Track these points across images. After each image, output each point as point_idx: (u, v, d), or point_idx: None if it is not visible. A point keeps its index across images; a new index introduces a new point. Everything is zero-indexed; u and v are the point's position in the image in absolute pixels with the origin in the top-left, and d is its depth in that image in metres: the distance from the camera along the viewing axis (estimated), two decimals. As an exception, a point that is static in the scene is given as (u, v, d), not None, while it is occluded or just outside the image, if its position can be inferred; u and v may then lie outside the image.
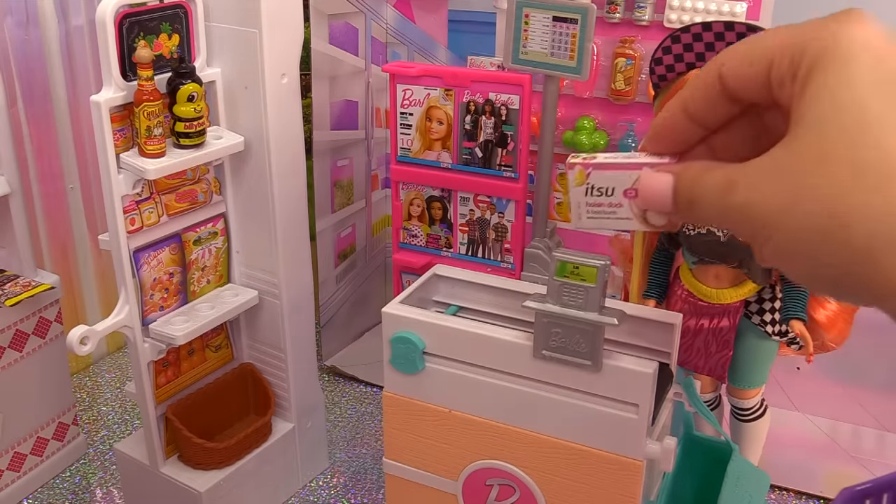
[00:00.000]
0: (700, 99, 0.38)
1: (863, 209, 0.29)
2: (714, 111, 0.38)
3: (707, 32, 0.64)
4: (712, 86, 0.37)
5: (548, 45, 0.73)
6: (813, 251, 0.31)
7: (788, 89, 0.33)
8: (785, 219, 0.31)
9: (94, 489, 0.91)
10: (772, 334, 0.76)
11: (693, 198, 0.37)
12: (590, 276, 0.46)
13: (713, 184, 0.35)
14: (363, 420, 1.02)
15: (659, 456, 0.51)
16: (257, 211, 0.79)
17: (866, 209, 0.29)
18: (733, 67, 0.36)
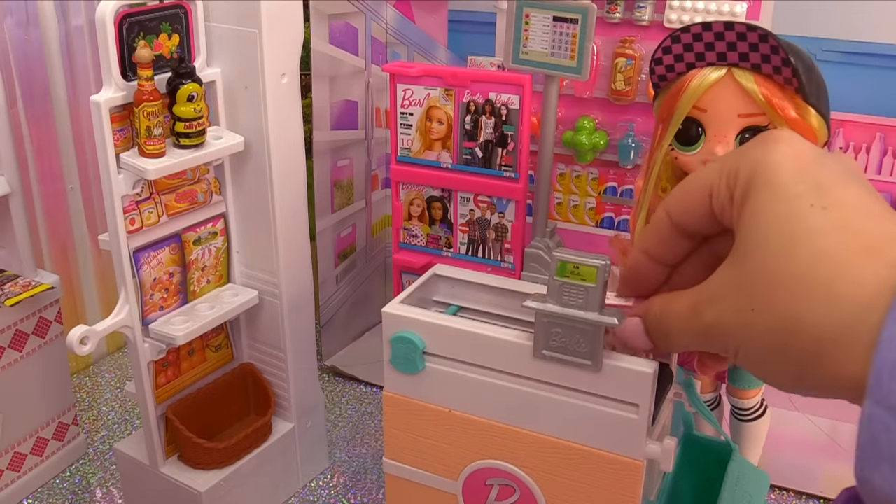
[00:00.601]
0: (657, 241, 0.42)
1: (807, 316, 0.32)
2: (672, 250, 0.42)
3: (707, 32, 0.64)
4: (665, 226, 0.41)
5: (548, 45, 0.73)
6: (775, 357, 0.33)
7: (729, 213, 0.37)
8: (746, 332, 0.34)
9: (94, 489, 0.91)
10: None
11: (664, 331, 0.41)
12: (590, 276, 0.46)
13: (679, 313, 0.39)
14: (363, 420, 1.02)
15: (659, 456, 0.51)
16: (257, 211, 0.79)
17: (810, 316, 0.31)
18: (679, 206, 0.40)
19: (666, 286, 0.43)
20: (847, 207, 0.33)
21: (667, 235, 0.41)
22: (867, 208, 0.33)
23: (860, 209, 0.33)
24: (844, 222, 0.32)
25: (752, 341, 0.34)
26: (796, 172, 0.34)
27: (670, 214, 0.40)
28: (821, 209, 0.33)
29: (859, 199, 0.33)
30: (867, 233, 0.32)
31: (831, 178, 0.34)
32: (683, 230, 0.40)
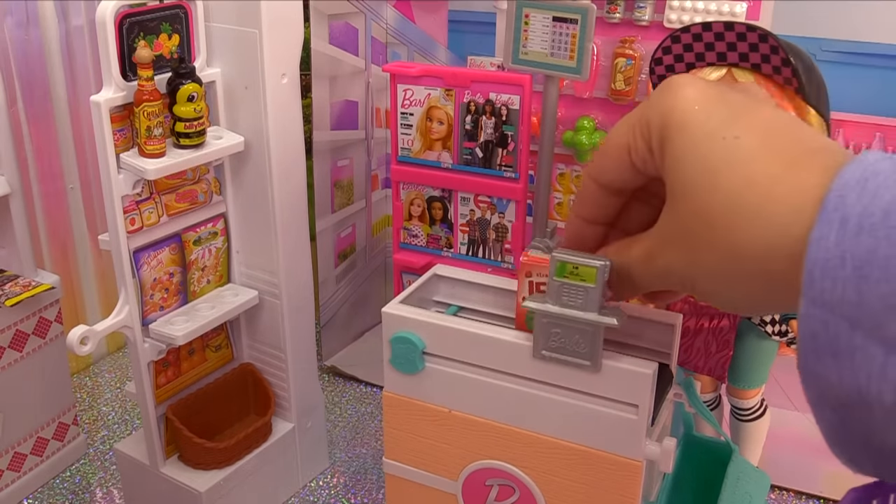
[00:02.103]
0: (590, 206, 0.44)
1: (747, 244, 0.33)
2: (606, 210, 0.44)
3: (707, 32, 0.64)
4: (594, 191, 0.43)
5: (548, 45, 0.73)
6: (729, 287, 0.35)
7: (651, 163, 0.38)
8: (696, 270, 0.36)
9: (94, 489, 0.91)
10: (772, 334, 0.76)
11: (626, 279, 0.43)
12: (589, 276, 0.46)
13: (634, 262, 0.41)
14: (363, 420, 1.02)
15: (658, 456, 0.51)
16: (257, 211, 0.79)
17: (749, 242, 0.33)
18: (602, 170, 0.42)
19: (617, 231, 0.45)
20: (759, 131, 0.34)
21: (598, 198, 0.43)
22: (779, 127, 0.35)
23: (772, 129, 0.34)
24: (759, 146, 0.34)
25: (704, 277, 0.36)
26: (703, 111, 0.36)
27: (595, 179, 0.42)
28: (734, 140, 0.34)
29: (769, 120, 0.35)
30: (784, 150, 0.33)
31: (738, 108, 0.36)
32: (611, 189, 0.42)
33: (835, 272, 0.29)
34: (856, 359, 0.29)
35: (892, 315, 0.28)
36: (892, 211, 0.28)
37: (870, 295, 0.28)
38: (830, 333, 0.29)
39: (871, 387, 0.28)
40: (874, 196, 0.29)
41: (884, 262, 0.28)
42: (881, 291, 0.28)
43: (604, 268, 0.46)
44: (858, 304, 0.28)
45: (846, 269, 0.28)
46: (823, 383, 0.30)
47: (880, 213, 0.28)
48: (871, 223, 0.28)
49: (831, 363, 0.29)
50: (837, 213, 0.29)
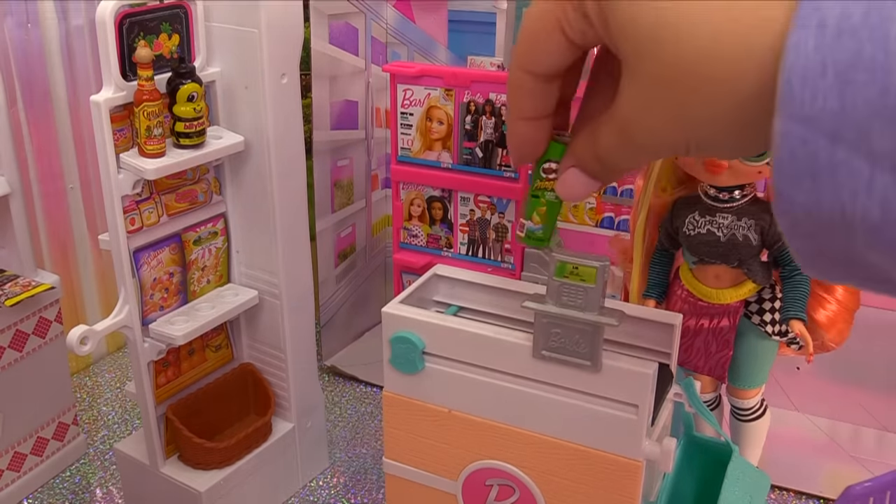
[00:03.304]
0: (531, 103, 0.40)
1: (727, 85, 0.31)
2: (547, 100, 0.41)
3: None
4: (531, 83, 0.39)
5: (548, 45, 0.72)
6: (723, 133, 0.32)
7: (592, 33, 0.35)
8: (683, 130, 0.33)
9: (94, 489, 0.91)
10: (772, 334, 0.76)
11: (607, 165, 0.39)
12: (589, 276, 0.46)
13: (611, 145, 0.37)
14: (363, 420, 1.02)
15: (658, 456, 0.51)
16: (257, 211, 0.79)
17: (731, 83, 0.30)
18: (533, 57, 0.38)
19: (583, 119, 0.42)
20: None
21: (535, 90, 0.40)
22: None
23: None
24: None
25: (696, 132, 0.33)
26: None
27: (528, 69, 0.39)
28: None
29: None
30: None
31: None
32: (549, 76, 0.39)
33: (815, 81, 0.26)
34: (838, 176, 0.26)
35: (878, 122, 0.26)
36: (871, 9, 0.26)
37: (855, 102, 0.26)
38: (809, 151, 0.27)
39: (855, 205, 0.26)
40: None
41: (869, 63, 0.25)
42: (868, 96, 0.26)
43: (603, 268, 0.46)
44: (841, 113, 0.26)
45: (828, 76, 0.26)
46: (800, 209, 0.28)
47: (861, 13, 0.26)
48: (851, 24, 0.26)
49: (810, 184, 0.27)
50: (815, 15, 0.27)
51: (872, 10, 0.26)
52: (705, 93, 0.31)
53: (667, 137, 0.34)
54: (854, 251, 0.28)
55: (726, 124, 0.32)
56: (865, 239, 0.27)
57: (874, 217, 0.26)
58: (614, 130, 0.36)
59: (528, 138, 0.42)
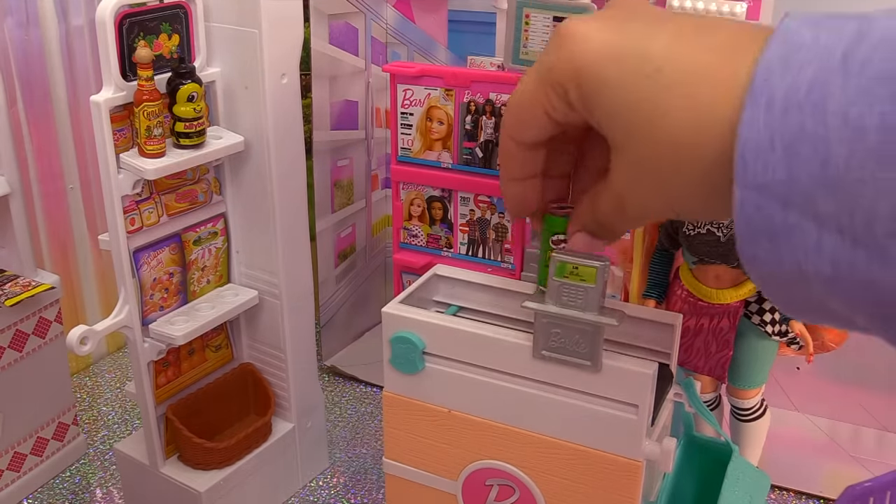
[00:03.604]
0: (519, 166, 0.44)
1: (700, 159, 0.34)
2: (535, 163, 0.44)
3: (707, 32, 0.64)
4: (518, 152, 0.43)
5: (548, 45, 0.72)
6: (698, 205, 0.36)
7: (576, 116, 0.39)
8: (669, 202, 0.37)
9: (94, 489, 0.91)
10: (772, 334, 0.76)
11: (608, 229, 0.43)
12: (589, 276, 0.46)
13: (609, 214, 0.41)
14: (363, 420, 1.02)
15: (658, 457, 0.51)
16: (257, 211, 0.79)
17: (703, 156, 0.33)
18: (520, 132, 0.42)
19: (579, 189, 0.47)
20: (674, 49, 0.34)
21: (523, 156, 0.44)
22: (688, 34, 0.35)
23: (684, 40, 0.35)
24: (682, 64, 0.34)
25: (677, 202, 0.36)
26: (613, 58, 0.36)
27: (515, 139, 0.43)
28: (656, 73, 0.34)
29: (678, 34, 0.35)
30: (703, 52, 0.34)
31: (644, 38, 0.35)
32: (533, 145, 0.43)
33: (765, 154, 0.29)
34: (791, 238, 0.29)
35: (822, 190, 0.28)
36: (814, 86, 0.28)
37: (799, 172, 0.28)
38: (765, 215, 0.30)
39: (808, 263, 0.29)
40: (798, 72, 0.29)
41: (811, 138, 0.28)
42: (810, 168, 0.28)
43: (604, 268, 0.46)
44: (789, 182, 0.29)
45: (776, 150, 0.29)
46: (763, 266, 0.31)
47: (804, 89, 0.28)
48: (796, 100, 0.28)
49: (768, 245, 0.30)
50: (764, 94, 0.29)
51: (815, 87, 0.28)
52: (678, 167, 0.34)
53: (653, 207, 0.38)
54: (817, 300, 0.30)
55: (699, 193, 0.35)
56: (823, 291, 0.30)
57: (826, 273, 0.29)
58: (610, 201, 0.40)
59: (519, 195, 0.46)
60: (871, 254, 0.27)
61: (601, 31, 0.36)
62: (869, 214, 0.27)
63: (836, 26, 0.29)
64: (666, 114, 0.34)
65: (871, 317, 0.29)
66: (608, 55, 0.35)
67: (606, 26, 0.36)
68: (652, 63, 0.34)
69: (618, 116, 0.36)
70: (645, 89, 0.34)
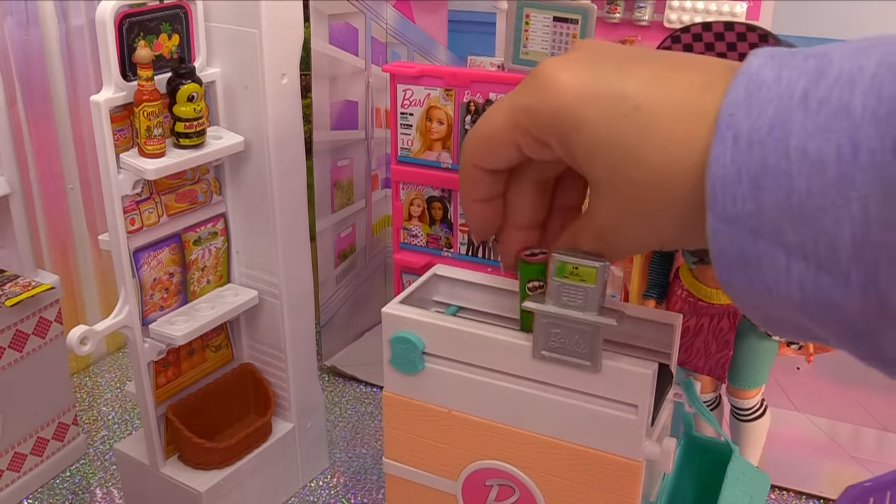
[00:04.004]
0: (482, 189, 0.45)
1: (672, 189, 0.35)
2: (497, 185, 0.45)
3: (707, 32, 0.64)
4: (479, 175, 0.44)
5: (548, 45, 0.73)
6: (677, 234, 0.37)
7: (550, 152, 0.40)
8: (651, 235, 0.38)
9: (94, 489, 0.91)
10: (772, 334, 0.76)
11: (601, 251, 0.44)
12: (589, 276, 0.46)
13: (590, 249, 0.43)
14: (363, 420, 1.03)
15: (658, 457, 0.51)
16: (257, 211, 0.79)
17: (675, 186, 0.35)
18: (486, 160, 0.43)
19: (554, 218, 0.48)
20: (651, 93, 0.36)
21: (486, 180, 0.45)
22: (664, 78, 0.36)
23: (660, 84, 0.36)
24: (659, 108, 0.35)
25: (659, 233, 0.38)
26: (590, 99, 0.37)
27: (479, 166, 0.44)
28: (634, 111, 0.35)
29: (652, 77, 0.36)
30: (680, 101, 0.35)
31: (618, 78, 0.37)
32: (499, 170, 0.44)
33: (733, 187, 0.31)
34: (762, 265, 0.31)
35: (787, 219, 0.30)
36: (775, 124, 0.30)
37: (766, 203, 0.30)
38: (737, 245, 0.31)
39: (779, 288, 0.31)
40: (760, 111, 0.31)
41: (774, 171, 0.30)
42: (775, 198, 0.30)
43: (604, 268, 0.46)
44: (757, 213, 0.30)
45: (742, 182, 0.31)
46: (740, 292, 0.33)
47: (766, 127, 0.30)
48: (759, 137, 0.30)
49: (742, 273, 0.32)
50: (730, 131, 0.31)
51: (776, 125, 0.30)
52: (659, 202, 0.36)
53: (637, 240, 0.39)
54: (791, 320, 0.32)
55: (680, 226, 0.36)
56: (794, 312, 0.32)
57: (795, 297, 0.31)
58: (591, 238, 0.42)
59: (482, 216, 0.47)
60: (835, 278, 0.29)
61: (577, 72, 0.37)
62: (831, 241, 0.29)
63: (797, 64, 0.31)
64: (646, 151, 0.35)
65: (839, 335, 0.31)
66: (586, 95, 0.37)
67: (580, 67, 0.38)
68: (629, 102, 0.35)
69: (598, 155, 0.37)
70: (623, 127, 0.35)
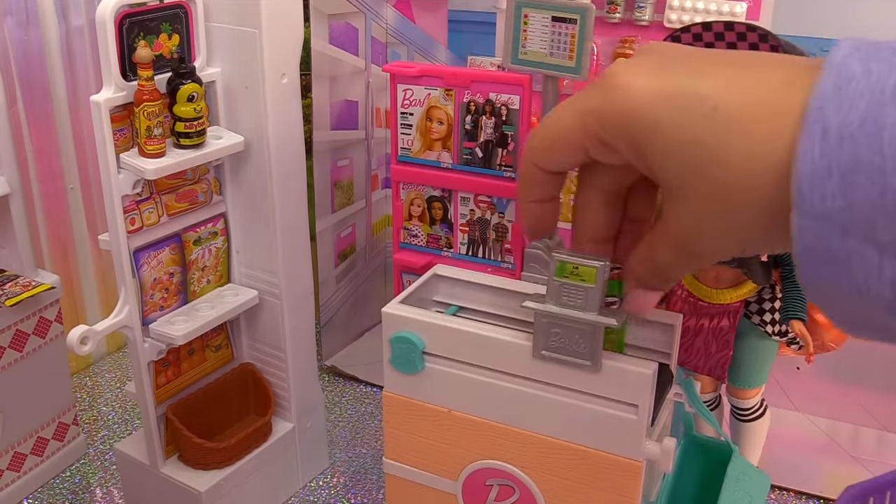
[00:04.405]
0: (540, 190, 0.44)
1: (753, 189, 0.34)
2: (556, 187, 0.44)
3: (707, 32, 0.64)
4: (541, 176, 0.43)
5: (547, 45, 0.73)
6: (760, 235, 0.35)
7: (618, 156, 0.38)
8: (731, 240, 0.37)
9: (94, 489, 0.91)
10: (772, 334, 0.76)
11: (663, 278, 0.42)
12: (589, 276, 0.46)
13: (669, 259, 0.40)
14: (363, 420, 1.03)
15: (658, 457, 0.51)
16: (257, 211, 0.79)
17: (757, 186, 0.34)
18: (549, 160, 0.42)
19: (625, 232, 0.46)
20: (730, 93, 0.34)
21: (546, 181, 0.43)
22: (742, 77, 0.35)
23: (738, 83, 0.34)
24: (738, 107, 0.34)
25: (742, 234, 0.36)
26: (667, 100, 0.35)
27: (541, 166, 0.42)
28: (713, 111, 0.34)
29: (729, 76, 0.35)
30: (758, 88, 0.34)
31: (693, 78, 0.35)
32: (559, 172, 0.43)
33: (822, 183, 0.30)
34: (852, 262, 0.30)
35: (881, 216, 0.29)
36: (867, 119, 0.29)
37: (858, 199, 0.29)
38: (825, 243, 0.30)
39: (869, 287, 0.30)
40: (850, 105, 0.30)
41: (867, 166, 0.29)
42: (868, 194, 0.29)
43: (604, 268, 0.46)
44: (848, 210, 0.29)
45: (833, 178, 0.30)
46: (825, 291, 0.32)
47: (857, 121, 0.29)
48: (850, 132, 0.29)
49: (829, 271, 0.31)
50: (818, 125, 0.30)
51: (868, 120, 0.29)
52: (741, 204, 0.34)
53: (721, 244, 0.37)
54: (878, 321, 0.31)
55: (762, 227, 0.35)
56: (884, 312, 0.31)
57: (887, 296, 0.30)
58: (671, 247, 0.39)
59: (538, 216, 0.45)
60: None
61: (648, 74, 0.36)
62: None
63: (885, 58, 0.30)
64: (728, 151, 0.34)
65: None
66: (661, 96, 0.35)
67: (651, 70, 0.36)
68: (707, 102, 0.34)
69: (675, 156, 0.35)
70: (703, 127, 0.34)
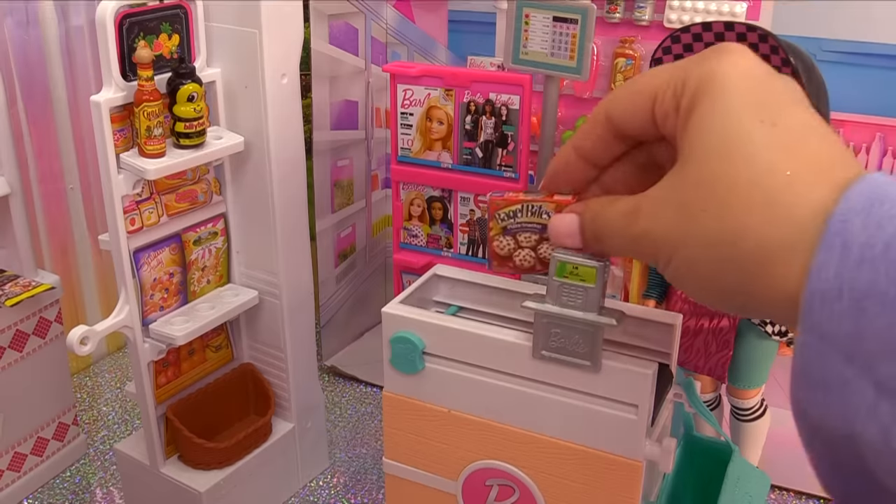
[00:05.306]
0: (590, 139, 0.41)
1: (748, 227, 0.31)
2: (604, 150, 0.41)
3: (707, 32, 0.64)
4: (601, 125, 0.40)
5: (548, 45, 0.73)
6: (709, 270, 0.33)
7: (672, 121, 0.36)
8: (682, 241, 0.34)
9: (94, 489, 0.91)
10: (772, 334, 0.76)
11: (598, 232, 0.41)
12: (589, 276, 0.46)
13: (615, 217, 0.39)
14: (363, 420, 1.02)
15: (658, 457, 0.51)
16: (257, 211, 0.79)
17: (751, 226, 0.31)
18: (620, 107, 0.39)
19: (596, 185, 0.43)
20: (795, 127, 0.33)
21: (602, 135, 0.41)
22: (814, 129, 0.33)
23: (807, 129, 0.33)
24: (792, 140, 0.32)
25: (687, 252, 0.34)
26: (748, 87, 0.34)
27: (609, 115, 0.40)
28: (770, 125, 0.33)
29: (806, 120, 0.34)
30: (813, 153, 0.32)
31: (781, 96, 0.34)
32: (620, 132, 0.40)
33: (832, 304, 0.28)
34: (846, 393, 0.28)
35: (885, 355, 0.27)
36: (893, 244, 0.27)
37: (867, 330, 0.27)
38: (824, 365, 0.28)
39: (860, 425, 0.28)
40: (878, 226, 0.28)
41: (881, 297, 0.27)
42: (877, 327, 0.27)
43: (603, 267, 0.46)
44: (855, 337, 0.27)
45: (843, 301, 0.28)
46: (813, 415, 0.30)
47: (882, 246, 0.27)
48: (872, 255, 0.27)
49: (821, 396, 0.29)
50: (839, 238, 0.28)
51: (893, 245, 0.27)
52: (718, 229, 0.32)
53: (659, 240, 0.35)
54: (865, 468, 0.28)
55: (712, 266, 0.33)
56: (873, 458, 0.28)
57: (876, 441, 0.27)
58: (627, 207, 0.38)
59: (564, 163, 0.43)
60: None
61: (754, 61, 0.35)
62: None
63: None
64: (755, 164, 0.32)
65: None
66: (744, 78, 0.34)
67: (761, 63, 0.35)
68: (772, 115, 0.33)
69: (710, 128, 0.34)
70: (751, 127, 0.33)
